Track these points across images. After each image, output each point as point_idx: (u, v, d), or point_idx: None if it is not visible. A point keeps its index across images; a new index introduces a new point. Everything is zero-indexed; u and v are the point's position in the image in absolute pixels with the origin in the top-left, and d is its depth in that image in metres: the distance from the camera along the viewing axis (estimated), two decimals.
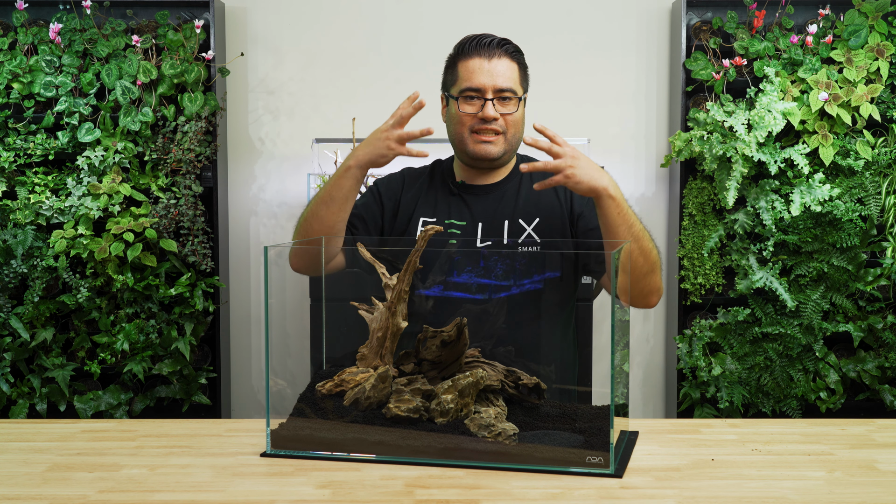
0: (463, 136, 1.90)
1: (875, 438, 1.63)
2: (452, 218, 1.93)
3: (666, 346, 3.59)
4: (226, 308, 3.48)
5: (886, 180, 3.10)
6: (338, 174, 1.84)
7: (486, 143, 1.88)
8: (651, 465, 1.47)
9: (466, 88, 1.87)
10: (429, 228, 1.55)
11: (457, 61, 1.91)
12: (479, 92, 1.86)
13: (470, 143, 1.89)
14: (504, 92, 1.86)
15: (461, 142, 1.91)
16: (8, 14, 3.29)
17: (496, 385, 1.55)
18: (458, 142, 1.92)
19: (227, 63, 3.41)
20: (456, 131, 1.91)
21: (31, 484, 1.39)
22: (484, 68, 1.86)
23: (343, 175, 1.83)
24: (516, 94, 1.88)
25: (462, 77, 1.88)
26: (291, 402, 1.59)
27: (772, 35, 3.21)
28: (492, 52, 1.87)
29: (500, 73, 1.86)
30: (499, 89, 1.86)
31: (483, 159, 1.90)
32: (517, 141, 1.93)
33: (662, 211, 3.56)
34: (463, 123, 1.89)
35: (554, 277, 1.85)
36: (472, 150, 1.89)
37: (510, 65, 1.88)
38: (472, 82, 1.86)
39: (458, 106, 1.88)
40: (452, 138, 1.94)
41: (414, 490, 1.35)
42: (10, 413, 3.12)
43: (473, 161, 1.92)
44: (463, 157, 1.94)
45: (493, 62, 1.86)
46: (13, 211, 3.06)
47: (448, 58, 1.94)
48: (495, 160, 1.91)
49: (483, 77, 1.85)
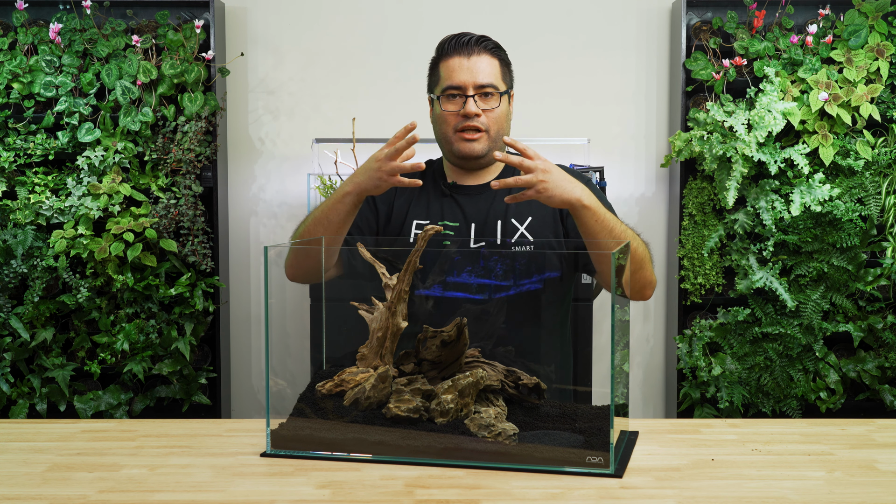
0: (447, 135, 1.91)
1: (875, 438, 1.63)
2: (446, 219, 1.93)
3: (666, 346, 3.59)
4: (226, 308, 3.48)
5: (886, 180, 3.10)
6: (335, 198, 1.84)
7: (469, 142, 1.89)
8: (651, 465, 1.47)
9: (448, 87, 1.88)
10: (429, 228, 1.55)
11: (438, 62, 1.92)
12: (460, 90, 1.87)
13: (454, 141, 1.90)
14: (485, 88, 1.87)
15: (446, 141, 1.92)
16: (8, 14, 3.29)
17: (496, 385, 1.55)
18: (444, 142, 1.93)
19: (227, 63, 3.41)
20: (441, 131, 1.92)
21: (31, 484, 1.39)
22: (464, 66, 1.87)
23: (340, 200, 1.83)
24: (497, 89, 1.88)
25: (443, 76, 1.89)
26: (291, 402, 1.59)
27: (772, 35, 3.21)
28: (471, 49, 1.88)
29: (480, 70, 1.87)
30: (479, 86, 1.87)
31: (468, 157, 1.91)
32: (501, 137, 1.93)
33: (662, 211, 3.56)
34: (447, 122, 1.90)
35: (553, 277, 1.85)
36: (456, 148, 1.90)
37: (490, 61, 1.89)
38: (453, 80, 1.87)
39: (440, 105, 1.89)
40: (438, 139, 1.95)
41: (414, 490, 1.35)
42: (10, 413, 3.12)
43: (459, 160, 1.93)
44: (449, 156, 1.95)
45: (472, 59, 1.87)
46: (13, 211, 3.06)
47: (431, 60, 1.96)
48: (480, 158, 1.92)
49: (463, 74, 1.87)
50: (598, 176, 3.18)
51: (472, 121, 1.87)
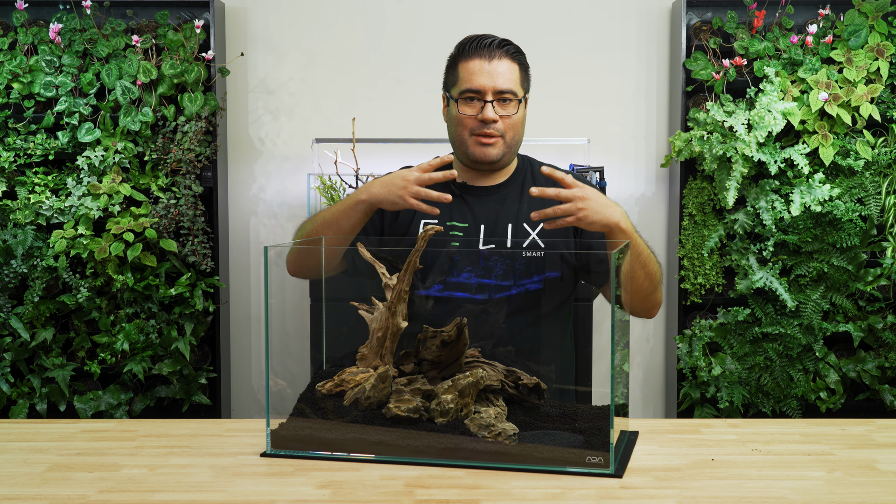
0: (463, 137, 1.89)
1: (875, 438, 1.63)
2: (454, 220, 1.92)
3: (666, 346, 3.59)
4: (226, 308, 3.48)
5: (886, 180, 3.10)
6: (348, 204, 1.83)
7: (485, 146, 1.88)
8: (651, 465, 1.47)
9: (466, 90, 1.86)
10: (429, 228, 1.55)
11: (457, 62, 1.90)
12: (479, 94, 1.85)
13: (470, 145, 1.89)
14: (504, 94, 1.85)
15: (461, 143, 1.91)
16: (8, 14, 3.29)
17: (496, 385, 1.55)
18: (459, 143, 1.92)
19: (227, 63, 3.41)
20: (456, 133, 1.91)
21: (31, 484, 1.39)
22: (484, 70, 1.85)
23: (353, 207, 1.82)
24: (516, 95, 1.87)
25: (462, 78, 1.87)
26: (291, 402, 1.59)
27: (772, 35, 3.21)
28: (492, 52, 1.86)
29: (501, 75, 1.85)
30: (499, 91, 1.85)
31: (482, 162, 1.90)
32: (517, 143, 1.92)
33: (662, 211, 3.56)
34: (463, 125, 1.88)
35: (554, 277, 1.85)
36: (471, 152, 1.89)
37: (511, 66, 1.87)
38: (472, 84, 1.85)
39: (458, 108, 1.88)
40: (452, 139, 1.93)
41: (414, 490, 1.35)
42: (10, 413, 3.12)
43: (473, 163, 1.92)
44: (463, 158, 1.94)
45: (493, 63, 1.85)
46: (13, 211, 3.06)
47: (449, 57, 1.94)
48: (495, 162, 1.91)
49: (483, 78, 1.85)
50: (598, 176, 3.18)
51: (489, 126, 1.86)
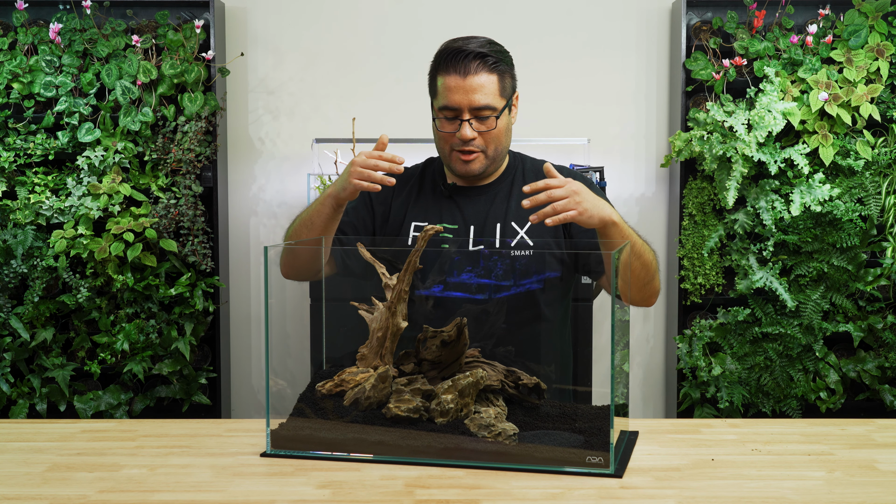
0: (445, 152, 1.90)
1: (875, 438, 1.63)
2: (444, 221, 1.92)
3: (666, 346, 3.59)
4: (226, 308, 3.48)
5: (886, 180, 3.10)
6: (319, 201, 1.84)
7: (466, 163, 1.87)
8: (651, 465, 1.47)
9: (444, 107, 1.84)
10: (428, 228, 1.55)
11: (436, 74, 1.88)
12: (456, 111, 1.83)
13: (452, 160, 1.89)
14: (481, 111, 1.83)
15: (444, 157, 1.92)
16: (8, 14, 3.29)
17: (496, 385, 1.55)
18: (442, 156, 1.93)
19: (227, 63, 3.41)
20: (439, 146, 1.92)
21: (31, 484, 1.39)
22: (460, 86, 1.81)
23: (322, 203, 1.83)
24: (495, 109, 1.83)
25: (440, 94, 1.85)
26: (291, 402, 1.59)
27: (772, 35, 3.21)
28: (468, 67, 1.81)
29: (477, 90, 1.81)
30: (475, 108, 1.82)
31: (465, 176, 1.91)
32: (501, 153, 1.91)
33: (662, 211, 3.56)
34: (445, 140, 1.88)
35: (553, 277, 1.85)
36: (454, 167, 1.90)
37: (489, 77, 1.82)
38: (449, 101, 1.82)
39: (438, 123, 1.87)
40: (438, 151, 1.94)
41: (414, 490, 1.35)
42: (10, 413, 3.12)
43: (457, 177, 1.94)
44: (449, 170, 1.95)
45: (468, 80, 1.81)
46: (13, 211, 3.06)
47: (431, 64, 1.92)
48: (478, 176, 1.91)
49: (458, 96, 1.81)
50: (598, 176, 3.18)
51: (468, 144, 1.85)
